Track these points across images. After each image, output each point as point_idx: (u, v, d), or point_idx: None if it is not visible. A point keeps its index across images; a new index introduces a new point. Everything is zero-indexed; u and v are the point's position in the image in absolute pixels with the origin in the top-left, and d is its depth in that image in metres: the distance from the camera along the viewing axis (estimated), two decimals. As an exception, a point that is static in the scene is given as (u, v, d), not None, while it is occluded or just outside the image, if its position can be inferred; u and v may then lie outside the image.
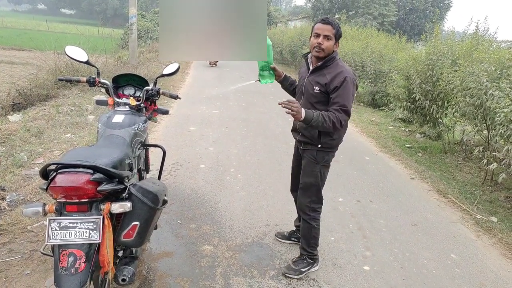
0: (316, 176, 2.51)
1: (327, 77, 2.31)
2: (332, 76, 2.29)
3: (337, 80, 2.26)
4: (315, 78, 2.38)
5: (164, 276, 2.45)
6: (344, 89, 2.26)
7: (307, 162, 2.54)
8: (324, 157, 2.48)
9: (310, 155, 2.50)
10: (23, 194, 3.26)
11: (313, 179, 2.52)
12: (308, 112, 2.21)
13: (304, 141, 2.51)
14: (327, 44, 2.29)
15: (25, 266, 2.42)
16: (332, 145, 2.46)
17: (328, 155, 2.49)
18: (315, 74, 2.41)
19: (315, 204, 2.59)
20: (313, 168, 2.50)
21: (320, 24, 2.31)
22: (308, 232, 2.61)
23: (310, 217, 2.58)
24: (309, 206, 2.58)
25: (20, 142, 4.45)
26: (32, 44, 14.78)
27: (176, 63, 2.67)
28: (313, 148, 2.47)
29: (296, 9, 47.26)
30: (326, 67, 2.35)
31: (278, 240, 3.00)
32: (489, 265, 3.00)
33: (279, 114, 7.08)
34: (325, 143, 2.43)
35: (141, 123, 2.37)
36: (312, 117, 2.20)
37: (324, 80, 2.32)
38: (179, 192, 3.67)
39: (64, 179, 1.55)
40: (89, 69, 7.99)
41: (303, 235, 2.64)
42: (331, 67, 2.33)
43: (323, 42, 2.29)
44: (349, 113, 2.29)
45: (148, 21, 23.61)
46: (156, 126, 5.64)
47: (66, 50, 2.44)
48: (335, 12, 22.12)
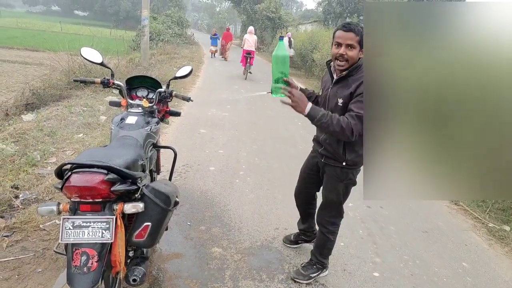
0: (339, 193, 2.37)
1: (352, 86, 2.07)
2: (357, 85, 2.05)
3: (360, 88, 2.02)
4: (339, 89, 2.16)
5: (174, 278, 2.46)
6: None
7: (329, 178, 2.39)
8: (348, 175, 2.30)
9: (332, 172, 2.33)
10: (36, 192, 3.31)
11: (335, 196, 2.40)
12: (315, 108, 2.00)
13: (326, 155, 2.34)
14: (351, 54, 2.04)
15: (37, 264, 2.45)
16: (357, 162, 2.24)
17: (352, 172, 2.31)
18: (339, 85, 2.18)
19: (335, 218, 2.51)
20: (336, 186, 2.36)
21: (341, 31, 2.04)
22: (324, 243, 2.55)
23: (329, 231, 2.50)
24: (328, 220, 2.49)
25: (33, 141, 4.52)
26: (46, 45, 15.01)
27: (189, 66, 2.69)
28: (336, 164, 2.29)
29: (307, 13, 47.32)
30: (351, 76, 2.11)
31: (286, 246, 2.98)
32: (502, 274, 2.96)
33: (288, 117, 7.07)
34: (350, 161, 2.22)
35: (153, 125, 2.39)
36: (317, 115, 1.98)
37: (348, 91, 2.09)
38: (189, 194, 3.69)
39: (79, 178, 1.57)
40: (101, 70, 8.08)
41: (317, 245, 2.59)
42: (357, 75, 2.09)
43: (346, 53, 2.03)
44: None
45: (160, 24, 23.78)
46: (166, 128, 5.67)
47: (81, 51, 2.47)
48: (346, 16, 22.06)
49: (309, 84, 12.32)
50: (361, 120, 1.97)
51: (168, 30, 23.71)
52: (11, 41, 21.44)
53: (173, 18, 26.79)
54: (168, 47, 18.67)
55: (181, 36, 25.82)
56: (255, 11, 27.20)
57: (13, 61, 14.31)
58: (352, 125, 1.97)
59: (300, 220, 2.94)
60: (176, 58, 15.88)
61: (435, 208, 4.04)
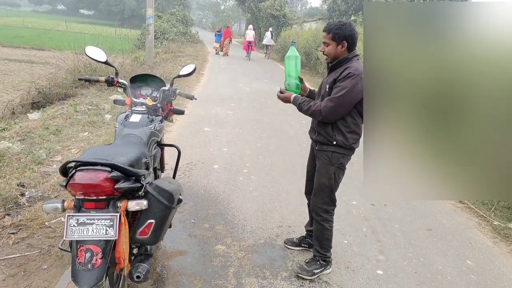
0: (330, 177, 2.51)
1: (337, 74, 2.38)
2: (340, 72, 2.36)
3: (342, 75, 2.32)
4: (328, 78, 2.46)
5: (177, 275, 2.48)
6: (342, 82, 2.29)
7: (321, 163, 2.55)
8: (339, 159, 2.48)
9: (325, 156, 2.51)
10: (41, 190, 3.34)
11: (326, 180, 2.52)
12: (296, 97, 2.52)
13: (319, 141, 2.52)
14: (328, 50, 2.41)
15: (43, 261, 2.48)
16: (347, 146, 2.44)
17: (343, 157, 2.49)
18: (329, 75, 2.49)
19: (328, 206, 2.58)
20: (327, 170, 2.51)
21: (323, 32, 2.45)
22: (321, 233, 2.60)
23: (323, 218, 2.58)
24: (321, 207, 2.57)
25: (39, 139, 4.56)
26: (51, 44, 15.12)
27: (192, 64, 2.70)
28: (328, 148, 2.48)
29: (311, 11, 47.11)
30: (340, 66, 2.41)
31: (288, 248, 2.94)
32: (506, 272, 2.94)
33: (292, 115, 7.07)
34: (340, 141, 2.42)
35: (157, 123, 2.40)
36: (297, 102, 2.50)
37: (333, 78, 2.39)
38: (193, 191, 3.70)
39: (83, 176, 1.59)
40: (106, 69, 8.13)
41: (316, 237, 2.64)
42: (344, 65, 2.39)
43: (324, 49, 2.44)
44: (338, 106, 2.32)
45: (165, 22, 23.83)
46: (171, 126, 5.70)
47: (86, 50, 2.49)
48: (351, 13, 21.93)
49: (313, 82, 12.28)
50: (333, 101, 2.33)
51: (173, 29, 23.76)
52: (18, 40, 21.61)
53: (178, 16, 26.84)
54: (173, 45, 18.71)
55: (186, 35, 25.86)
56: (260, 9, 27.13)
57: (19, 60, 14.42)
58: (322, 107, 2.36)
59: (309, 221, 2.96)
60: (181, 56, 15.92)
61: (439, 206, 4.02)
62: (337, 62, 2.42)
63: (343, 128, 2.41)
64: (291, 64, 2.56)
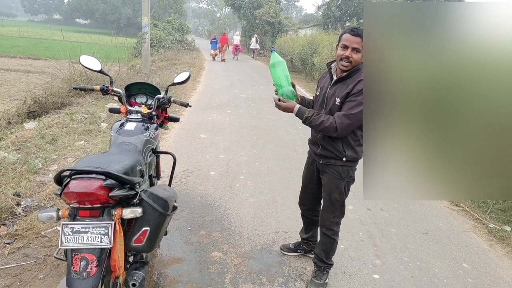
0: (341, 192, 2.42)
1: (350, 86, 2.20)
2: (354, 84, 2.18)
3: (356, 88, 2.15)
4: (338, 90, 2.27)
5: (174, 282, 2.47)
6: (358, 97, 2.13)
7: (330, 178, 2.43)
8: (349, 172, 2.39)
9: (334, 171, 2.39)
10: (37, 200, 3.34)
11: (337, 195, 2.43)
12: (301, 109, 2.27)
13: (325, 155, 2.40)
14: (356, 57, 2.16)
15: (39, 270, 2.47)
16: (355, 158, 2.35)
17: (352, 170, 2.41)
18: (337, 85, 2.29)
19: (339, 218, 2.53)
20: (338, 185, 2.41)
21: (349, 35, 2.15)
22: (330, 246, 2.56)
23: (334, 232, 2.53)
24: (333, 221, 2.51)
25: (35, 149, 4.56)
26: (47, 53, 15.16)
27: (187, 72, 2.72)
28: (336, 163, 2.36)
29: (306, 17, 47.39)
30: (350, 78, 2.23)
31: (284, 254, 2.94)
32: (502, 275, 2.95)
33: (289, 121, 7.10)
34: (350, 156, 2.31)
35: (152, 131, 2.41)
36: (303, 114, 2.25)
37: (346, 91, 2.20)
38: (189, 198, 3.70)
39: (78, 185, 1.60)
40: (102, 78, 8.13)
41: (324, 249, 2.58)
42: (355, 77, 2.21)
43: (351, 55, 2.16)
44: (355, 122, 2.17)
45: (161, 30, 23.92)
46: (167, 134, 5.71)
47: (80, 59, 2.50)
48: (346, 20, 22.10)
49: (309, 88, 12.35)
50: (350, 119, 2.15)
51: (169, 37, 23.83)
52: (14, 50, 21.63)
53: (174, 24, 26.92)
54: (169, 53, 18.80)
55: (182, 42, 25.95)
56: (255, 16, 27.27)
57: (15, 70, 14.42)
58: (337, 123, 2.16)
59: (303, 229, 2.90)
60: (177, 64, 15.97)
61: (435, 210, 4.04)
62: (349, 72, 2.22)
63: (353, 142, 2.30)
64: (278, 71, 2.38)
